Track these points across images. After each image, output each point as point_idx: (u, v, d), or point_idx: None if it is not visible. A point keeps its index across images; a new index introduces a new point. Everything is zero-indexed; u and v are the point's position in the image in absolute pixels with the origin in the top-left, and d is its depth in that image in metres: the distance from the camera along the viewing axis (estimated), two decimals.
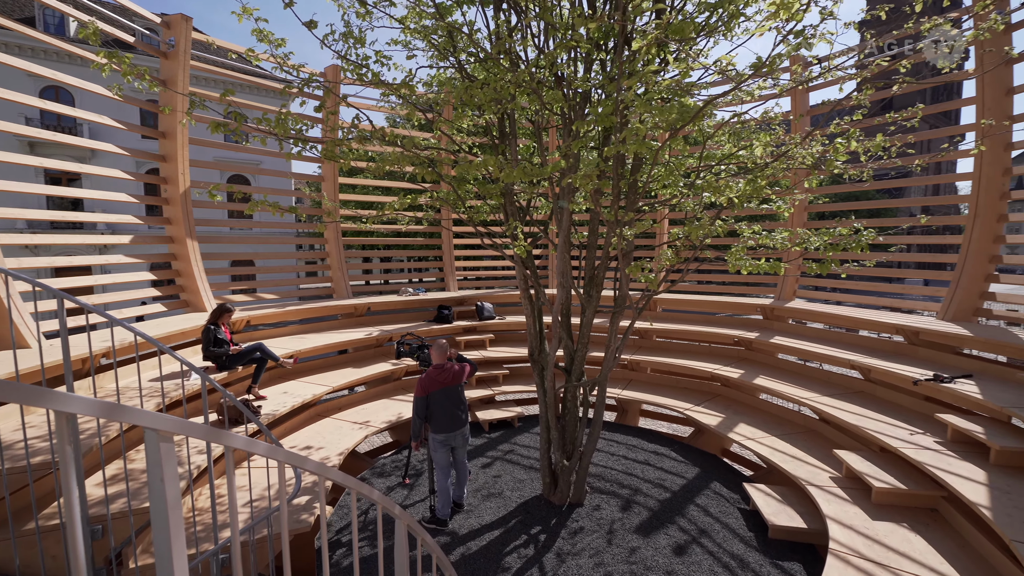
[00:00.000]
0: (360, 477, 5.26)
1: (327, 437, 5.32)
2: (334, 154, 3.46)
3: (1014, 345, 4.67)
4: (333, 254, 7.79)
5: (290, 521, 3.85)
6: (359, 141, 3.44)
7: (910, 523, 3.71)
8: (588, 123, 2.99)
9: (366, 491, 1.58)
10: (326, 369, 6.55)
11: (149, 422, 0.89)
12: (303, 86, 3.52)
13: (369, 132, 3.31)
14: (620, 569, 3.72)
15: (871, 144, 3.17)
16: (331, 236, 7.75)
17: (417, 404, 4.24)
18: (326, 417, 5.96)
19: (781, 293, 7.28)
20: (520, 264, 4.36)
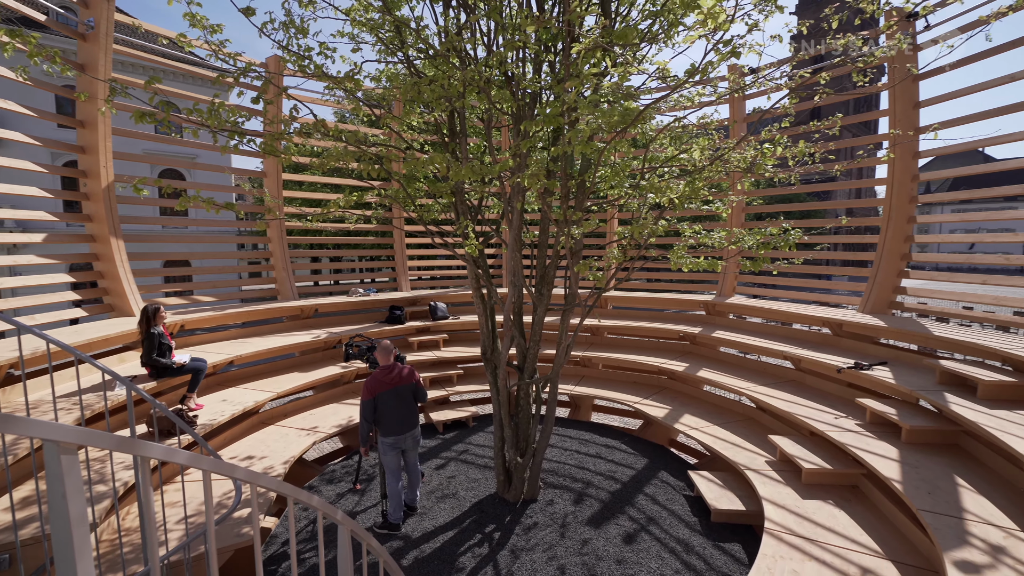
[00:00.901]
0: (308, 485, 5.07)
1: (271, 445, 5.09)
2: (274, 148, 3.30)
3: (922, 334, 5.17)
4: (277, 254, 7.44)
5: (232, 535, 3.66)
6: (300, 135, 3.31)
7: (835, 500, 4.02)
8: (536, 123, 3.03)
9: (304, 497, 1.52)
10: (270, 374, 6.25)
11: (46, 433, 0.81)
12: (240, 76, 3.34)
13: (310, 126, 3.17)
14: (572, 561, 3.79)
15: (797, 150, 3.42)
16: (275, 235, 7.40)
17: (364, 408, 4.14)
18: (270, 425, 5.69)
19: (722, 290, 7.69)
20: (472, 263, 4.35)
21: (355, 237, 10.27)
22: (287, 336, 6.68)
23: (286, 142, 3.89)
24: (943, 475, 3.60)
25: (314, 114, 3.48)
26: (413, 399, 4.32)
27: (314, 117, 3.46)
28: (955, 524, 3.02)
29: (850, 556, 3.33)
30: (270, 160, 7.14)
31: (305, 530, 4.34)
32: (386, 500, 4.35)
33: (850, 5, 2.97)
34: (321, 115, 22.34)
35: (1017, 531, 2.93)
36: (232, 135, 3.38)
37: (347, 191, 3.42)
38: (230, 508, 3.52)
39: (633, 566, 3.74)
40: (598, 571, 3.68)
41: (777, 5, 3.14)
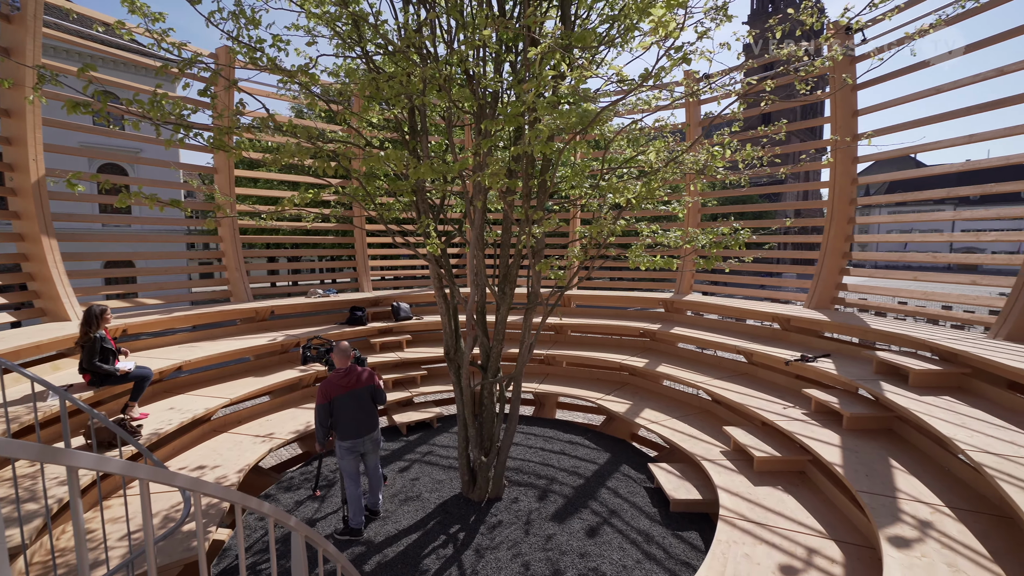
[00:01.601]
0: (264, 494, 4.88)
1: (224, 454, 4.86)
2: (223, 143, 3.16)
3: (861, 328, 5.52)
4: (230, 253, 7.12)
5: (181, 549, 3.47)
6: (250, 130, 3.18)
7: (784, 485, 4.24)
8: (497, 123, 3.04)
9: (254, 505, 1.46)
10: (223, 380, 5.98)
11: None
12: (185, 67, 3.17)
13: (260, 120, 3.06)
14: (537, 557, 3.83)
15: (746, 154, 3.59)
16: (227, 234, 7.08)
17: (319, 412, 4.04)
18: (224, 432, 5.44)
19: (680, 288, 7.95)
20: (434, 263, 4.31)
21: (315, 236, 9.98)
22: (241, 340, 6.41)
23: (239, 137, 3.74)
24: (879, 458, 3.86)
25: (266, 108, 3.35)
26: (371, 402, 4.23)
27: (266, 111, 3.33)
28: (889, 503, 3.24)
29: (797, 538, 3.52)
30: (221, 156, 6.83)
31: (261, 540, 4.18)
32: (347, 505, 4.25)
33: (793, 17, 3.15)
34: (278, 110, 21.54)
35: (942, 507, 3.18)
36: (177, 128, 3.21)
37: (302, 188, 3.31)
38: (178, 521, 3.34)
39: (596, 558, 3.82)
40: (562, 565, 3.74)
41: (726, 15, 3.28)
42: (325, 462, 5.35)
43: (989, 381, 4.12)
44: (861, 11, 2.95)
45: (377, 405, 4.29)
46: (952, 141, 5.49)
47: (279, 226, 7.88)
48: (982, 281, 5.25)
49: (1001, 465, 2.89)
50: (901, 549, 2.77)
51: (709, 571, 3.21)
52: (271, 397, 6.44)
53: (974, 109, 5.13)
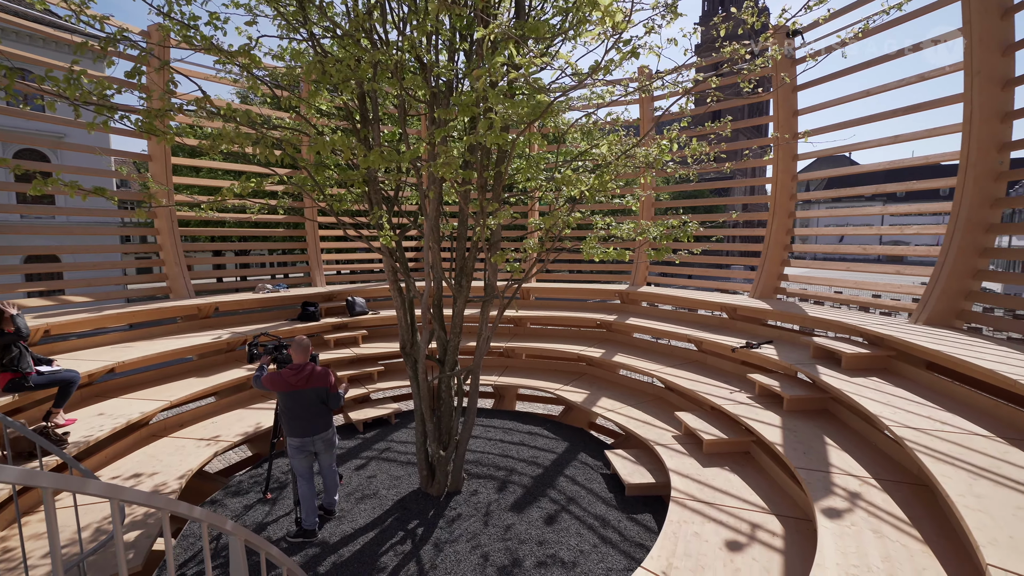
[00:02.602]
0: (210, 499, 4.64)
1: (164, 460, 4.58)
2: (152, 127, 2.93)
3: (801, 316, 5.86)
4: (168, 247, 6.67)
5: (115, 562, 3.25)
6: (182, 113, 2.96)
7: (731, 466, 4.46)
8: (450, 111, 2.98)
9: (182, 510, 1.37)
10: (161, 381, 5.62)
11: None
12: (109, 44, 2.91)
13: (195, 103, 2.85)
14: (496, 547, 3.85)
15: (693, 148, 3.71)
16: (164, 226, 6.62)
17: (257, 382, 4.01)
18: (164, 437, 5.12)
19: (635, 280, 8.16)
20: (388, 255, 4.21)
21: (264, 229, 9.55)
22: (182, 338, 6.03)
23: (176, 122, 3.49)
24: (815, 436, 4.12)
25: (202, 90, 3.14)
26: (321, 403, 4.05)
27: (202, 93, 3.11)
28: (823, 478, 3.47)
29: (742, 515, 3.71)
30: (157, 143, 6.36)
31: None
32: (299, 507, 4.11)
33: (736, 15, 3.26)
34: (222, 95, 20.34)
35: (870, 479, 3.44)
36: (100, 110, 2.94)
37: (243, 177, 3.12)
38: (110, 533, 3.11)
39: (554, 545, 3.88)
40: (521, 554, 3.77)
41: (675, 11, 3.36)
42: (276, 463, 5.15)
43: (911, 362, 4.48)
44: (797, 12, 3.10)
45: (329, 408, 4.14)
46: (880, 141, 5.89)
47: (224, 218, 7.47)
48: (906, 271, 5.69)
49: (919, 438, 3.15)
50: (833, 519, 2.97)
51: (661, 551, 3.33)
52: (217, 398, 6.12)
53: (899, 112, 5.52)
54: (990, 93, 4.57)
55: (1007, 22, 4.47)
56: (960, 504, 2.44)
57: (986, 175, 4.70)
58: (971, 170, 4.73)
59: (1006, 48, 4.48)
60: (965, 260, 4.81)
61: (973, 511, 2.38)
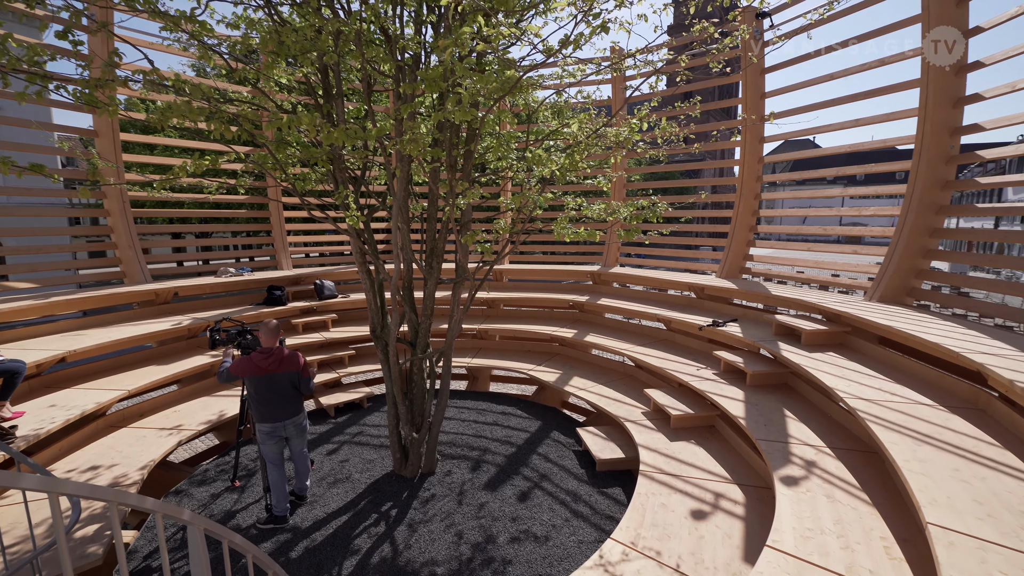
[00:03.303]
0: (175, 490, 4.51)
1: (124, 451, 4.41)
2: (94, 98, 2.71)
3: (764, 294, 6.06)
4: (120, 229, 6.31)
5: (76, 556, 3.14)
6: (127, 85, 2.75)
7: (696, 439, 4.62)
8: (417, 86, 2.88)
9: (132, 501, 1.31)
10: (118, 370, 5.38)
11: None
12: (34, 3, 2.65)
13: (142, 74, 2.65)
14: (470, 525, 3.90)
15: (662, 128, 3.73)
16: (115, 207, 6.25)
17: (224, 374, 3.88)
18: (123, 427, 4.92)
19: (606, 261, 8.25)
20: (355, 237, 4.10)
21: (226, 210, 9.18)
22: (139, 325, 5.77)
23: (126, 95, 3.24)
24: (776, 409, 4.31)
25: (149, 59, 2.91)
26: (292, 388, 3.97)
27: (149, 63, 2.89)
28: (782, 448, 3.64)
29: (707, 485, 3.87)
30: (104, 118, 5.94)
31: (173, 539, 3.89)
32: (268, 494, 4.05)
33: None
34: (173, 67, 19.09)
35: (824, 448, 3.63)
36: (32, 78, 2.70)
37: (196, 155, 2.95)
38: (67, 527, 2.98)
39: (527, 521, 3.96)
40: (494, 531, 3.84)
41: None
42: (244, 450, 5.04)
43: (865, 338, 4.71)
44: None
45: (301, 392, 4.06)
46: (841, 124, 6.05)
47: (181, 198, 7.11)
48: (862, 251, 5.94)
49: (870, 408, 3.33)
50: (790, 487, 3.13)
51: (629, 522, 3.44)
52: (180, 386, 5.92)
53: (859, 96, 5.67)
54: (944, 79, 4.73)
55: (962, 9, 4.61)
56: (905, 468, 2.60)
57: (938, 159, 4.90)
58: (925, 154, 4.92)
59: (961, 34, 4.63)
60: (917, 240, 5.04)
61: (916, 475, 2.54)
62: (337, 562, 3.55)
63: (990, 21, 4.47)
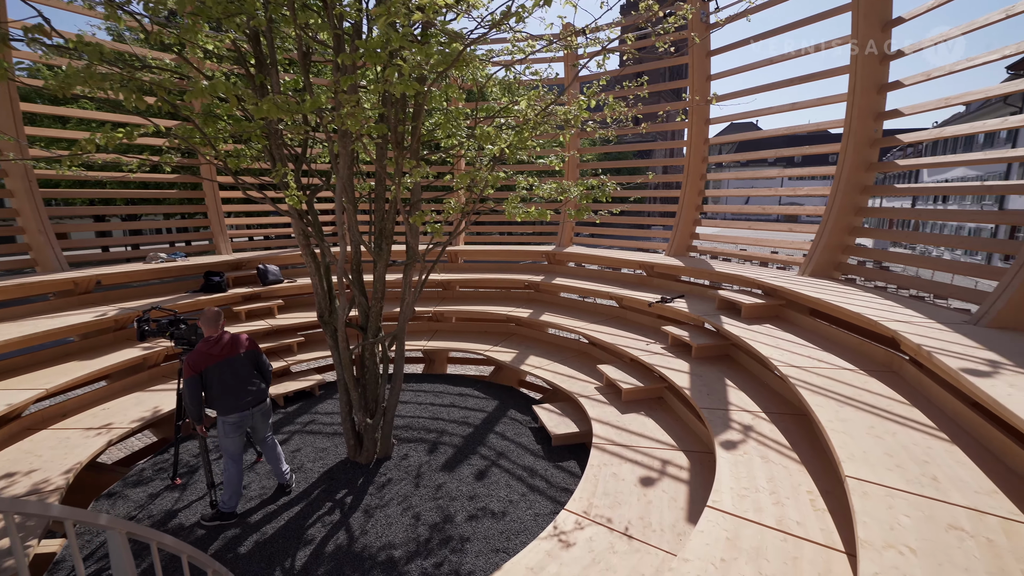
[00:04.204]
0: (107, 493, 4.23)
1: (45, 455, 4.06)
2: None
3: (709, 271, 6.33)
4: (27, 212, 5.69)
5: None
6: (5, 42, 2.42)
7: (646, 411, 4.82)
8: (355, 56, 2.72)
9: (33, 510, 1.19)
10: (34, 367, 4.91)
11: None
12: None
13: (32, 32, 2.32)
14: (427, 507, 3.91)
15: (610, 107, 3.75)
16: (19, 187, 5.61)
17: (188, 387, 3.55)
18: (43, 429, 4.51)
19: (561, 241, 8.32)
20: (297, 218, 3.89)
21: (156, 191, 8.51)
22: (57, 317, 5.27)
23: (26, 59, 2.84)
24: (718, 379, 4.55)
25: (42, 15, 2.56)
26: (253, 369, 3.83)
27: (43, 20, 2.55)
28: (723, 414, 3.86)
29: (655, 453, 4.06)
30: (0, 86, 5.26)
31: (104, 547, 3.65)
32: (215, 489, 3.87)
33: None
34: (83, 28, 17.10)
35: (760, 413, 3.88)
36: None
37: (106, 126, 2.66)
38: None
39: (484, 499, 4.02)
40: (452, 511, 3.87)
41: None
42: (186, 446, 4.79)
43: (797, 310, 5.04)
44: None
45: (263, 373, 3.91)
46: (780, 108, 6.31)
47: (100, 177, 6.48)
48: (797, 229, 6.30)
49: (800, 375, 3.58)
50: (729, 450, 3.33)
51: (582, 492, 3.56)
52: (109, 381, 5.49)
53: (796, 80, 5.92)
54: (871, 66, 5.02)
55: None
56: (828, 428, 2.82)
57: (864, 142, 5.23)
58: (852, 137, 5.24)
59: (885, 24, 4.91)
60: (844, 219, 5.40)
61: (838, 433, 2.77)
62: (290, 554, 3.47)
63: (911, 12, 4.76)
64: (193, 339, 4.01)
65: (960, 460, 2.51)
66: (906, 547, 1.89)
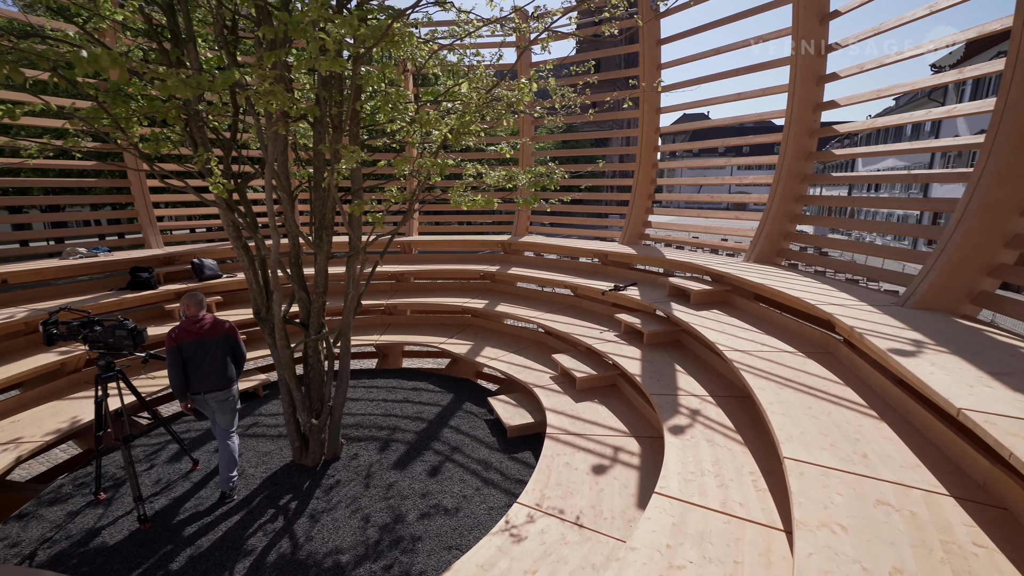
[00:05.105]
0: (19, 513, 3.83)
1: None
2: None
3: (660, 259, 6.43)
4: None
5: None
6: None
7: (599, 399, 4.85)
8: (277, 29, 2.49)
9: None
10: None
11: None
12: None
13: None
14: (377, 508, 3.77)
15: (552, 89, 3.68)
16: None
17: (169, 359, 3.73)
18: None
19: (516, 230, 8.25)
20: (226, 208, 3.60)
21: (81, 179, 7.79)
22: None
23: None
24: (668, 365, 4.63)
25: None
26: (224, 355, 3.90)
27: None
28: (672, 400, 3.93)
29: (607, 440, 4.08)
30: None
31: None
32: (141, 503, 3.58)
33: None
34: None
35: (708, 396, 3.97)
36: None
37: None
38: None
39: (437, 495, 3.92)
40: (403, 510, 3.75)
41: None
42: (110, 457, 4.41)
43: (743, 295, 5.19)
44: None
45: (235, 361, 4.00)
46: (727, 97, 6.43)
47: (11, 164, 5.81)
48: (744, 216, 6.49)
49: (744, 359, 3.68)
50: (677, 435, 3.38)
51: (535, 484, 3.53)
52: (22, 390, 4.98)
53: (741, 71, 6.04)
54: (810, 58, 5.18)
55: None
56: (769, 410, 2.90)
57: (804, 132, 5.41)
58: (793, 127, 5.41)
59: (823, 17, 5.07)
60: (786, 207, 5.60)
61: (778, 415, 2.85)
62: (227, 567, 3.26)
63: (847, 5, 4.92)
64: (111, 341, 3.66)
65: (888, 436, 2.63)
66: (838, 525, 1.95)
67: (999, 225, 3.39)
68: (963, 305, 3.59)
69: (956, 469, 2.35)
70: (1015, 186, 3.30)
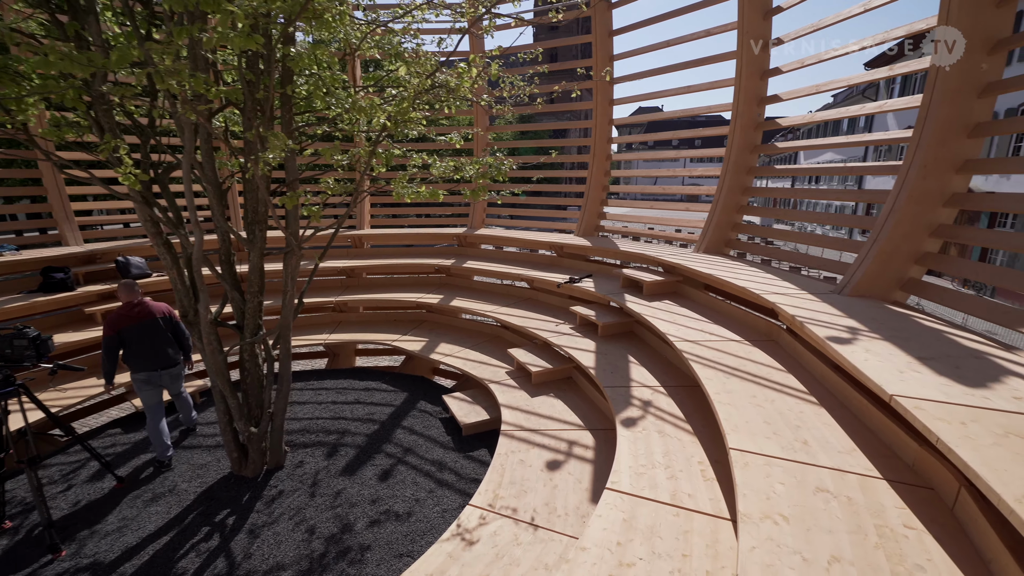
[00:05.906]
0: None
1: None
2: None
3: (615, 251, 6.46)
4: None
5: None
6: None
7: (555, 393, 4.81)
8: (187, 2, 2.23)
9: None
10: None
11: None
12: None
13: None
14: (323, 518, 3.58)
15: (510, 81, 3.55)
16: None
17: (106, 344, 3.97)
18: None
19: (472, 223, 8.09)
20: (141, 202, 3.26)
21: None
22: None
23: None
24: (621, 356, 4.65)
25: None
26: (168, 334, 4.22)
27: None
28: (625, 391, 3.93)
29: (562, 435, 4.05)
30: None
31: None
32: (51, 530, 3.23)
33: None
34: None
35: (659, 387, 4.00)
36: None
37: None
38: None
39: (388, 500, 3.77)
40: (351, 518, 3.58)
41: None
42: (15, 481, 3.98)
43: (693, 285, 5.28)
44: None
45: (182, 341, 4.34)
46: (677, 90, 6.51)
47: None
48: (695, 208, 6.61)
49: (693, 348, 3.72)
50: (629, 427, 3.38)
51: (488, 484, 3.44)
52: None
53: (690, 64, 6.11)
54: (754, 53, 5.28)
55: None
56: (716, 400, 2.93)
57: (749, 125, 5.54)
58: (739, 120, 5.52)
59: (767, 12, 5.17)
60: (733, 198, 5.73)
61: (724, 404, 2.88)
62: None
63: (789, 1, 5.04)
64: (8, 352, 3.26)
65: (827, 422, 2.71)
66: (780, 516, 1.96)
67: (925, 215, 3.57)
68: (894, 292, 3.77)
69: (889, 452, 2.44)
70: (940, 178, 3.48)
